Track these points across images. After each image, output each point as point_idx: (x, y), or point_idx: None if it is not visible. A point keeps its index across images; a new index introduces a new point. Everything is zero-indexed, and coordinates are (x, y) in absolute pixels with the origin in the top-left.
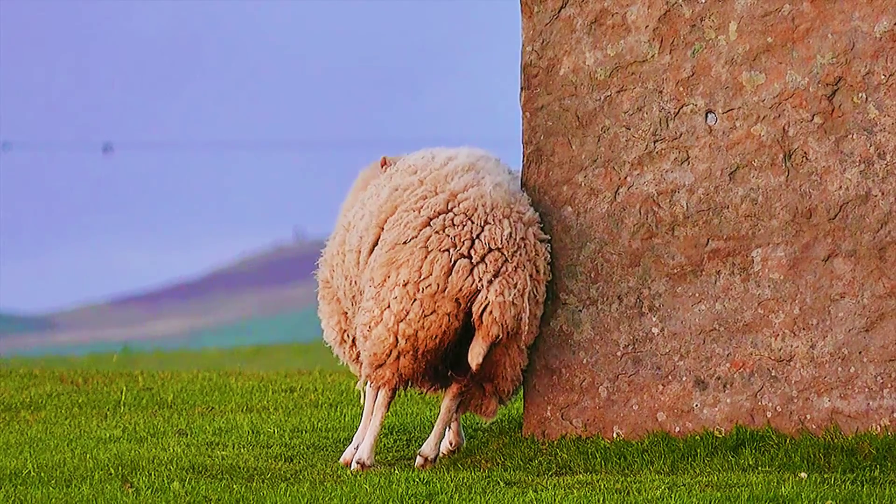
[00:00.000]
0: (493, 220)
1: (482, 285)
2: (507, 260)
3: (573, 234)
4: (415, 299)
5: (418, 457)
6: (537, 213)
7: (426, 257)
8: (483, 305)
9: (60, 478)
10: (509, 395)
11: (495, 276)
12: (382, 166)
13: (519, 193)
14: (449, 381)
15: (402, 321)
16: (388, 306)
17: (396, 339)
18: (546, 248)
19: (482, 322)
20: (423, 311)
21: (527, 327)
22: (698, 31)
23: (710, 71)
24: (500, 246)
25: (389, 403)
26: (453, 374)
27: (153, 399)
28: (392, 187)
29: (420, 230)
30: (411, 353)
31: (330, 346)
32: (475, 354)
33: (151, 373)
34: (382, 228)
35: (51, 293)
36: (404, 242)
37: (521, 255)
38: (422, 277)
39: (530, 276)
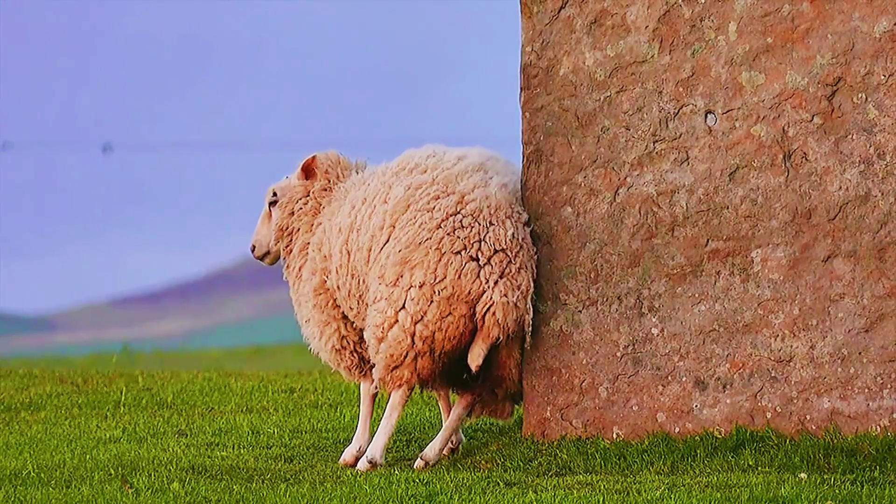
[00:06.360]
0: (497, 222)
1: (488, 286)
2: (510, 261)
3: (573, 234)
4: (431, 301)
5: (419, 459)
6: (528, 215)
7: (440, 259)
8: (487, 306)
9: (60, 478)
10: (518, 395)
11: (500, 277)
12: (308, 175)
13: (519, 194)
14: (464, 384)
15: (418, 322)
16: (403, 307)
17: (413, 341)
18: (536, 249)
19: (484, 323)
20: (441, 314)
21: (530, 329)
22: (698, 31)
23: (710, 71)
24: (505, 247)
25: (405, 404)
26: (468, 377)
27: (153, 399)
28: (405, 185)
29: (434, 232)
30: (428, 354)
31: (317, 353)
32: (475, 356)
33: (151, 373)
34: (395, 227)
35: (51, 293)
36: (419, 244)
37: (523, 255)
38: (437, 280)
39: (532, 277)
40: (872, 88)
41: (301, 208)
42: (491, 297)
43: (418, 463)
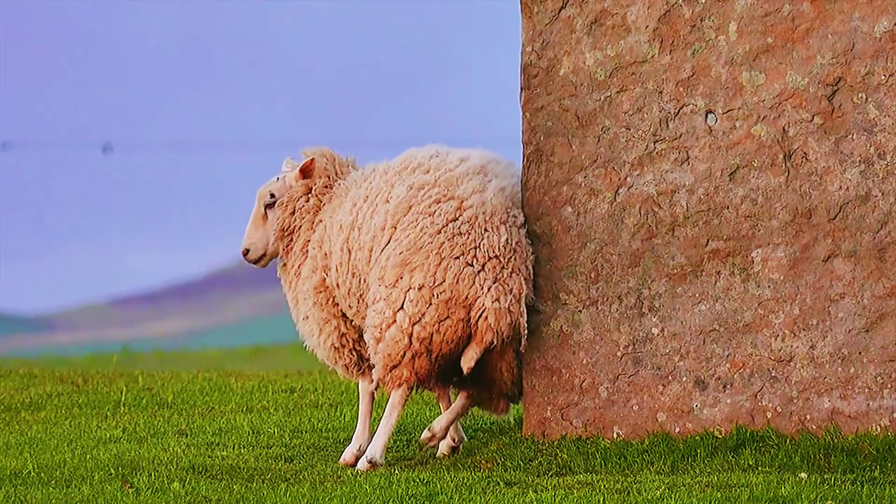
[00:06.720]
0: (491, 228)
1: (482, 292)
2: (503, 266)
3: (573, 234)
4: (430, 303)
5: (427, 430)
6: (524, 216)
7: (440, 264)
8: (480, 311)
9: (60, 478)
10: (513, 394)
11: (493, 282)
12: (306, 176)
13: (517, 197)
14: (458, 384)
15: (416, 324)
16: (402, 308)
17: (410, 341)
18: (531, 250)
19: (477, 327)
20: (439, 316)
21: (525, 332)
22: (698, 31)
23: (710, 71)
24: (498, 253)
25: (404, 403)
26: (458, 378)
27: (153, 399)
28: (407, 185)
29: (435, 237)
30: (425, 355)
31: (313, 351)
32: (468, 359)
33: (151, 373)
34: (396, 228)
35: (51, 293)
36: (420, 248)
37: (515, 260)
38: (436, 283)
39: (525, 279)
40: (873, 88)
41: (303, 206)
42: (483, 303)
43: (425, 434)
